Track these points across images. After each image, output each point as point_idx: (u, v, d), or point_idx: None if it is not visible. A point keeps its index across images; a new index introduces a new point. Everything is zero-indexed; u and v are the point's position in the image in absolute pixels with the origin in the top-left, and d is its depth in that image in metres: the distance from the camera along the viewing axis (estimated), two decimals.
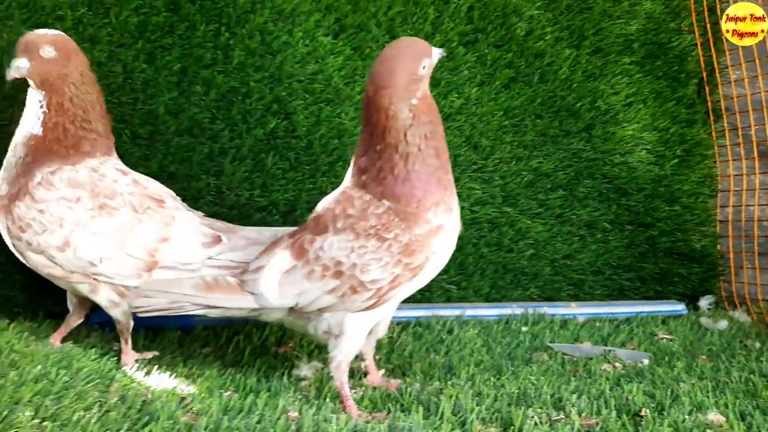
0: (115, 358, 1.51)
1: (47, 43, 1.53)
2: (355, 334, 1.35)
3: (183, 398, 1.24)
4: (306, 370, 1.47)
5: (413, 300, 2.00)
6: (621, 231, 2.18)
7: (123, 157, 1.82)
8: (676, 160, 2.22)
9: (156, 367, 1.47)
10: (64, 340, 1.62)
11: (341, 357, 1.34)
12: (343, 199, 1.37)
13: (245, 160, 1.91)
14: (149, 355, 1.60)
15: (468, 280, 2.08)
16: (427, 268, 1.36)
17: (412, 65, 1.31)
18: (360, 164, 1.37)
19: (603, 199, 2.16)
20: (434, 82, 2.02)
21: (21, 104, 1.57)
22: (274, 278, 1.36)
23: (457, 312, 1.95)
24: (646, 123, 2.20)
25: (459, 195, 2.00)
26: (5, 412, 0.99)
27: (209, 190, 1.89)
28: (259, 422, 1.14)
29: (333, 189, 1.93)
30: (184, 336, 1.74)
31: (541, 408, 1.24)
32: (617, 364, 1.65)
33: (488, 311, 1.99)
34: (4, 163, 1.55)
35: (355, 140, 1.97)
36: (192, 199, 1.87)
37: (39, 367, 1.21)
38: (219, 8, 1.88)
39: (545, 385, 1.38)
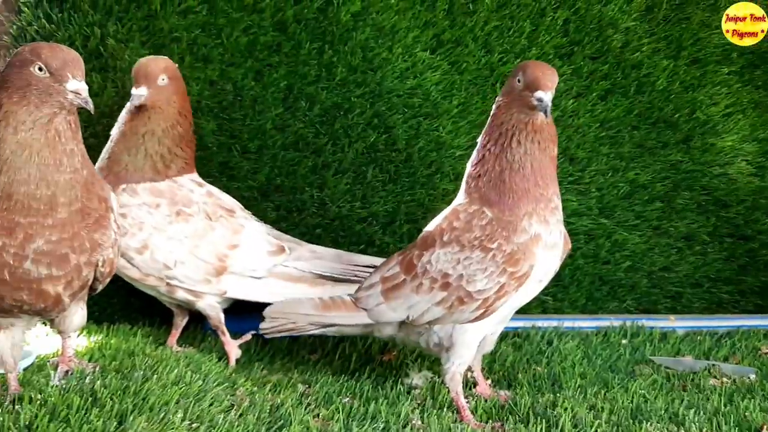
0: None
1: (162, 72, 1.64)
2: (465, 346, 1.39)
3: (309, 404, 1.30)
4: (417, 378, 1.51)
5: None
6: (720, 243, 2.15)
7: (233, 170, 1.93)
8: None
9: (268, 372, 1.54)
10: (177, 343, 1.72)
11: (454, 369, 1.37)
12: (450, 214, 1.42)
13: (347, 173, 1.97)
14: (248, 336, 1.69)
15: (564, 292, 2.09)
16: (531, 279, 1.38)
17: (512, 75, 1.40)
18: (471, 165, 1.43)
19: (702, 210, 2.14)
20: None
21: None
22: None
23: (555, 323, 1.97)
24: (745, 133, 2.16)
25: None
26: (161, 414, 1.07)
27: (313, 202, 1.96)
28: (385, 429, 1.19)
29: (431, 201, 2.01)
30: (291, 343, 1.80)
31: (659, 423, 1.25)
32: (724, 379, 1.63)
33: (586, 323, 2.00)
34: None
35: (453, 153, 2.02)
36: (296, 210, 1.96)
37: (176, 371, 1.28)
38: (323, 27, 1.95)
39: (657, 399, 1.39)
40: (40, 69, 1.17)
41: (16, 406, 1.08)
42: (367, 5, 1.96)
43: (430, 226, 1.46)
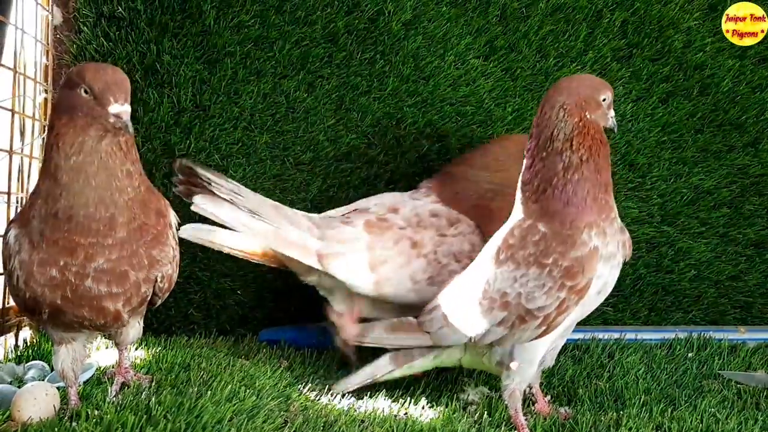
0: (287, 375, 1.57)
1: None
2: (526, 363, 1.35)
3: (362, 420, 1.28)
4: (473, 394, 1.47)
5: None
6: None
7: (286, 182, 1.93)
8: None
9: (325, 387, 1.53)
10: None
11: (514, 386, 1.34)
12: (507, 232, 1.38)
13: (400, 183, 1.95)
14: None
15: (625, 302, 2.02)
16: (590, 292, 1.33)
17: (594, 89, 1.36)
18: (524, 179, 1.38)
19: None
20: None
21: None
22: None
23: (616, 335, 1.90)
24: None
25: None
26: None
27: None
28: None
29: None
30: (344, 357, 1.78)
31: None
32: None
33: (650, 335, 1.93)
34: None
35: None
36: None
37: (229, 386, 1.28)
38: (374, 37, 1.94)
39: (730, 419, 1.32)
40: (86, 91, 1.17)
41: (73, 423, 1.10)
42: (419, 14, 1.95)
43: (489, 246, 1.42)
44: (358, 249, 1.58)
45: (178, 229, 1.35)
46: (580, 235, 1.30)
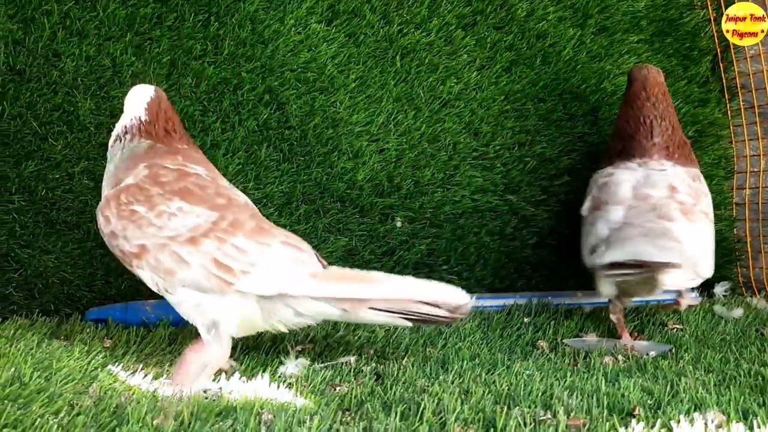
0: (101, 355, 1.48)
1: None
2: None
3: (159, 401, 1.21)
4: (293, 367, 1.42)
5: None
6: None
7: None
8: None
9: (142, 366, 1.45)
10: None
11: None
12: None
13: (238, 153, 1.88)
14: None
15: (470, 271, 2.02)
16: None
17: None
18: None
19: None
20: (432, 68, 1.98)
21: None
22: None
23: None
24: None
25: (459, 183, 1.97)
26: None
27: None
28: (232, 426, 1.10)
29: (328, 180, 1.93)
30: (176, 333, 1.70)
31: (528, 407, 1.19)
32: (620, 357, 1.58)
33: (490, 302, 1.94)
34: None
35: (351, 129, 1.94)
36: None
37: (12, 369, 1.18)
38: None
39: (537, 381, 1.32)
40: None
41: None
42: None
43: None
44: None
45: None
46: None
